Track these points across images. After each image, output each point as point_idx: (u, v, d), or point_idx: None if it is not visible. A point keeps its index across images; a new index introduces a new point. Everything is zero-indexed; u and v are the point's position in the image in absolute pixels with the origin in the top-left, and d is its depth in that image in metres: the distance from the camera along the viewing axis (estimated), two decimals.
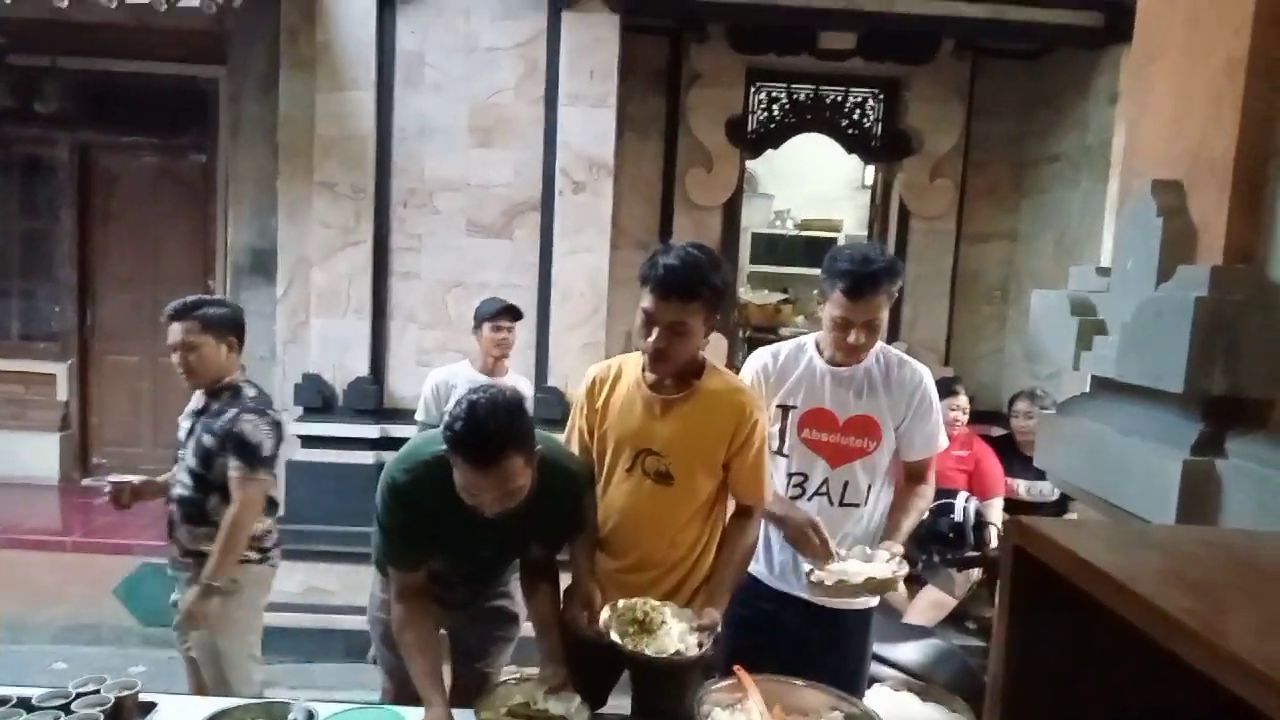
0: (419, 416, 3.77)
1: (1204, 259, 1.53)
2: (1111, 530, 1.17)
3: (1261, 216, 1.46)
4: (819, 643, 2.23)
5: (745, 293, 7.33)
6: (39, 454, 5.45)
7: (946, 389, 3.68)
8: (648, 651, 1.83)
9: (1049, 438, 1.91)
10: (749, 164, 5.79)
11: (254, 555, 2.72)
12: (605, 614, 1.88)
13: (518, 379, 3.73)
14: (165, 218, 5.55)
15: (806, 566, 2.09)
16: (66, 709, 1.79)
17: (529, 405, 3.43)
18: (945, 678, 2.72)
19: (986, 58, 5.27)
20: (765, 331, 7.66)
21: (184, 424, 2.73)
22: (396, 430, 4.32)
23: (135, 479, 2.76)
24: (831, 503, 2.21)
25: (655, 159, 5.20)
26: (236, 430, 2.58)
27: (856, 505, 2.22)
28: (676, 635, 1.87)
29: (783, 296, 7.87)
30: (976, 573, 3.77)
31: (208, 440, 2.61)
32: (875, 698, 1.94)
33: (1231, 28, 1.50)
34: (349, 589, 4.28)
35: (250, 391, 2.69)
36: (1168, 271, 1.56)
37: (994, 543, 3.28)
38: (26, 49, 5.10)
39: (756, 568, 2.35)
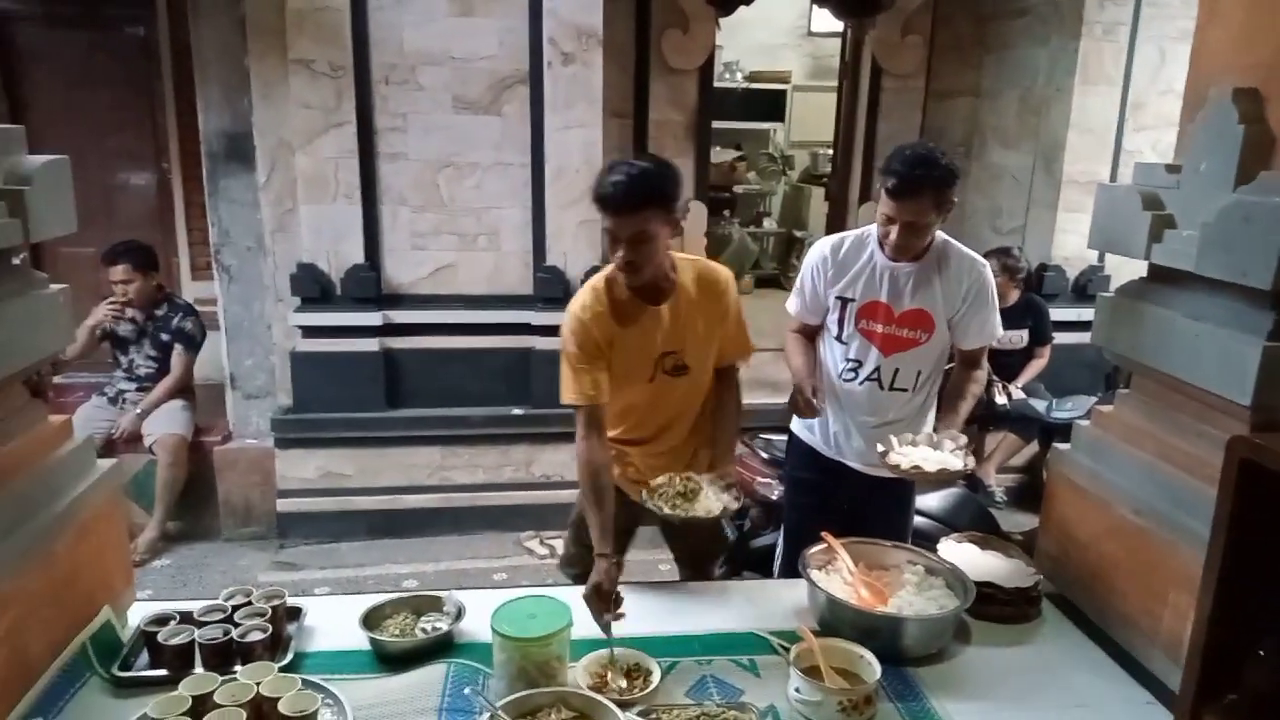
0: None
1: (1279, 165, 1.71)
2: None
3: None
4: (873, 504, 2.49)
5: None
6: None
7: None
8: (698, 514, 2.07)
9: (1109, 317, 2.11)
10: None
11: None
12: (644, 495, 2.13)
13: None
14: (103, 99, 5.16)
15: (881, 449, 2.22)
16: (229, 620, 1.90)
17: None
18: (967, 519, 3.09)
19: None
20: (720, 190, 7.71)
21: None
22: (399, 316, 4.33)
23: None
24: (882, 387, 2.40)
25: (627, 19, 5.04)
26: None
27: (905, 390, 2.40)
28: (713, 496, 2.12)
29: (737, 154, 7.88)
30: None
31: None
32: (944, 551, 2.20)
33: None
34: (364, 472, 4.40)
35: None
36: (1247, 175, 1.74)
37: (999, 399, 3.61)
38: None
39: (812, 438, 2.58)
